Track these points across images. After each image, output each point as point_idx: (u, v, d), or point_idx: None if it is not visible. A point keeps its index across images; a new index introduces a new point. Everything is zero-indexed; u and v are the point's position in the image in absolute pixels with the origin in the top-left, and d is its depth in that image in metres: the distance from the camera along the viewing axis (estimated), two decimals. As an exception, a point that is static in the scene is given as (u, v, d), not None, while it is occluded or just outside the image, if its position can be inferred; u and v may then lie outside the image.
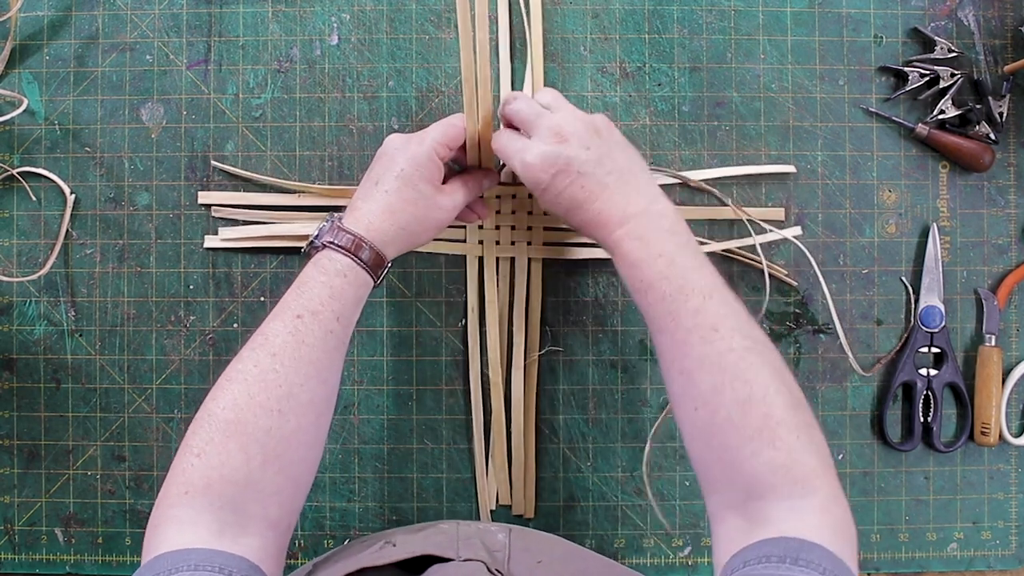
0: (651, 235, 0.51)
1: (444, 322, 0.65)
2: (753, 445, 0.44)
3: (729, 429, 0.45)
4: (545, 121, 0.53)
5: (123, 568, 0.65)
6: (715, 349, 0.47)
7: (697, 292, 0.48)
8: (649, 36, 0.66)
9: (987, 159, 0.65)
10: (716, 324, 0.47)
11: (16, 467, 0.65)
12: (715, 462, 0.46)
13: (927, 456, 0.66)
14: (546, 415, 0.66)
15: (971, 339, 0.67)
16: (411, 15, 0.65)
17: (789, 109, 0.66)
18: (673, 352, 0.49)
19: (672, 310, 0.48)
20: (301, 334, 0.49)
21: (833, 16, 0.66)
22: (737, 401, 0.45)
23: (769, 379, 0.46)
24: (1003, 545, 0.66)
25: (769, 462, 0.44)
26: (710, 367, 0.47)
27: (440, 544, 0.52)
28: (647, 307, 0.50)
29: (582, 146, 0.52)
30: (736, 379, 0.46)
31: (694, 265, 0.50)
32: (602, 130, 0.54)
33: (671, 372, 0.49)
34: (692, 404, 0.47)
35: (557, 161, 0.52)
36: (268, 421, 0.46)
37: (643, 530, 0.65)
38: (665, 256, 0.50)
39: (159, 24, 0.65)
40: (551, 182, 0.52)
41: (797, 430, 0.45)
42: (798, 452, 0.44)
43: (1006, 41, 0.66)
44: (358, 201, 0.54)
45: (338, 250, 0.52)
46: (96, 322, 0.65)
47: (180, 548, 0.42)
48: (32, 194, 0.65)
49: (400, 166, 0.54)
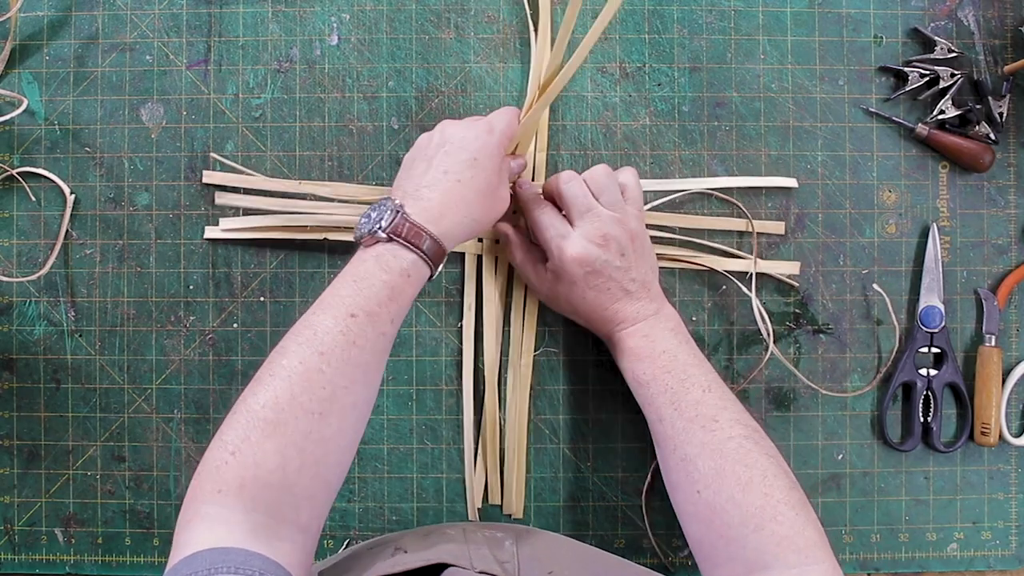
0: (656, 334, 0.56)
1: (444, 322, 0.65)
2: (756, 521, 0.47)
3: (732, 509, 0.48)
4: (594, 220, 0.56)
5: (123, 568, 0.65)
6: (716, 437, 0.51)
7: (698, 385, 0.53)
8: (649, 36, 0.66)
9: (987, 159, 0.65)
10: (716, 415, 0.52)
11: (16, 467, 0.65)
12: (717, 540, 0.49)
13: (927, 456, 0.66)
14: (546, 415, 0.66)
15: (971, 339, 0.67)
16: (411, 15, 0.65)
17: (789, 109, 0.66)
18: (675, 440, 0.52)
19: (674, 401, 0.53)
20: (353, 334, 0.47)
21: (833, 16, 0.66)
22: (739, 483, 0.49)
23: (767, 464, 0.50)
24: (1003, 545, 0.66)
25: (773, 535, 0.47)
26: (711, 453, 0.50)
27: (452, 552, 0.52)
28: (650, 398, 0.54)
29: (619, 253, 0.56)
30: (737, 463, 0.49)
31: (694, 361, 0.55)
32: (636, 239, 0.57)
33: (671, 459, 0.52)
34: (694, 488, 0.50)
35: (595, 263, 0.55)
36: (308, 424, 0.44)
37: (643, 530, 0.65)
38: (668, 352, 0.55)
39: (159, 24, 0.65)
40: (583, 278, 0.56)
41: (796, 508, 0.48)
42: (800, 526, 0.47)
43: (1006, 41, 0.66)
44: (424, 189, 0.52)
45: (404, 245, 0.50)
46: (96, 322, 0.65)
47: (217, 547, 0.40)
48: (32, 194, 0.65)
49: (472, 155, 0.53)
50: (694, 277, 0.66)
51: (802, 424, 0.66)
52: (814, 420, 0.66)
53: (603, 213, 0.56)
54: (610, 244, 0.55)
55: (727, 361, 0.66)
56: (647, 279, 0.57)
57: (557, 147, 0.65)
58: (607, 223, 0.56)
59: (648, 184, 0.65)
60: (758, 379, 0.66)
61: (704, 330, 0.66)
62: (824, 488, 0.66)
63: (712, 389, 0.53)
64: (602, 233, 0.55)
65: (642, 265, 0.57)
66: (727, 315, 0.66)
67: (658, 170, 0.66)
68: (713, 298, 0.66)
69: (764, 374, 0.66)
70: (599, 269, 0.55)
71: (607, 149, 0.65)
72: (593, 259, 0.55)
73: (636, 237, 0.57)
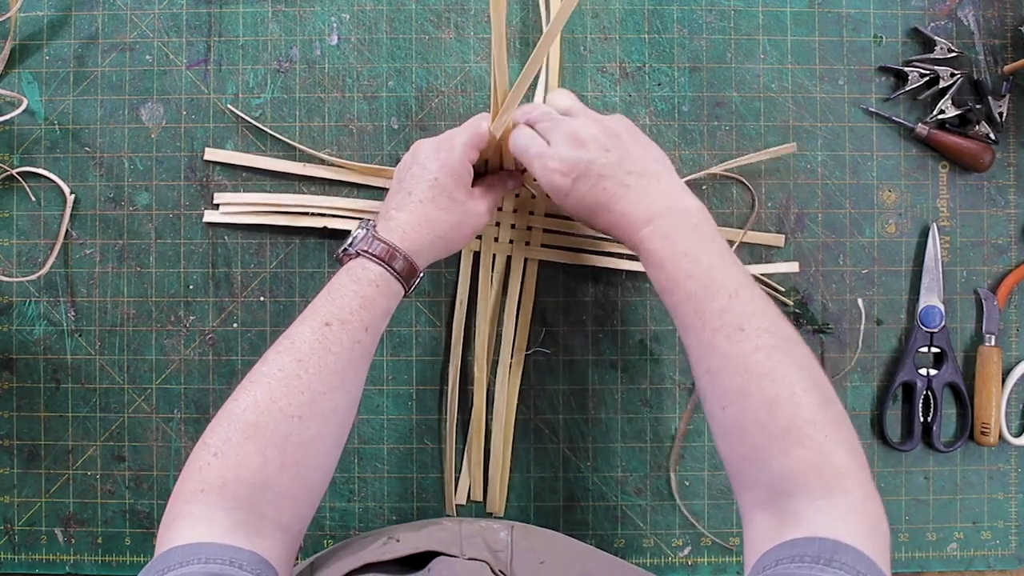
0: (676, 233, 0.50)
1: (444, 322, 0.65)
2: (782, 444, 0.44)
3: (757, 429, 0.45)
4: (563, 127, 0.53)
5: (123, 568, 0.65)
6: (741, 349, 0.46)
7: (723, 291, 0.48)
8: (649, 36, 0.66)
9: (987, 159, 0.65)
10: (742, 323, 0.47)
11: (16, 467, 0.65)
12: (744, 460, 0.46)
13: (927, 456, 0.66)
14: (546, 415, 0.66)
15: (971, 339, 0.67)
16: (411, 15, 0.65)
17: (789, 109, 0.66)
18: (700, 352, 0.48)
19: (698, 309, 0.48)
20: (328, 342, 0.48)
21: (833, 16, 0.66)
22: (765, 401, 0.45)
23: (796, 377, 0.45)
24: (1003, 545, 0.66)
25: (798, 461, 0.43)
26: (736, 367, 0.46)
27: (443, 541, 0.52)
28: (674, 306, 0.50)
29: (601, 149, 0.52)
30: (763, 379, 0.45)
31: (720, 263, 0.49)
32: (621, 132, 0.54)
33: (698, 371, 0.49)
34: (720, 403, 0.47)
35: (577, 166, 0.52)
36: (288, 427, 0.46)
37: (643, 530, 0.65)
38: (691, 255, 0.49)
39: (159, 24, 0.65)
40: (572, 187, 0.52)
41: (826, 428, 0.44)
42: (828, 451, 0.44)
43: (1006, 41, 0.66)
44: (392, 211, 0.54)
45: (372, 259, 0.51)
46: (96, 322, 0.65)
47: (192, 542, 0.42)
48: (32, 194, 0.65)
49: (434, 175, 0.54)
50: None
51: (802, 424, 0.66)
52: (814, 420, 0.66)
53: (571, 120, 0.54)
54: (587, 142, 0.52)
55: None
56: (650, 169, 0.53)
57: (557, 147, 0.65)
58: (579, 125, 0.53)
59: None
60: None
61: (704, 330, 0.66)
62: (824, 488, 0.66)
63: (740, 294, 0.48)
64: (574, 136, 0.52)
65: (637, 155, 0.53)
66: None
67: (658, 170, 0.66)
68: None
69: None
70: (584, 171, 0.52)
71: (607, 149, 0.65)
72: (574, 161, 0.52)
73: (619, 131, 0.54)
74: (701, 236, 0.50)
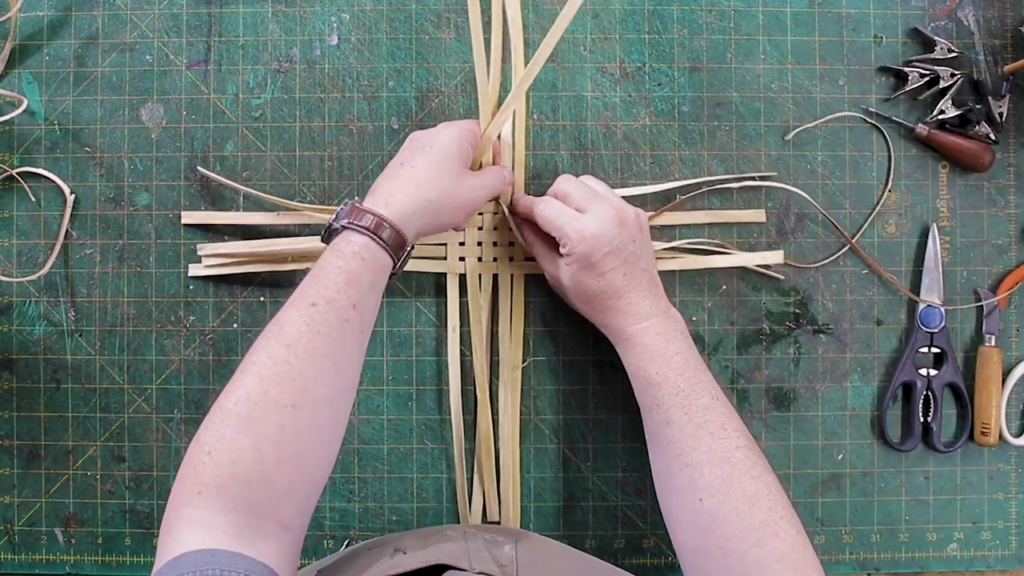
0: (670, 334, 0.55)
1: (444, 322, 0.65)
2: (759, 535, 0.47)
3: (734, 521, 0.48)
4: (604, 203, 0.55)
5: (123, 568, 0.65)
6: (724, 446, 0.50)
7: (707, 392, 0.53)
8: (649, 36, 0.66)
9: (987, 159, 0.65)
10: (724, 423, 0.51)
11: (16, 467, 0.65)
12: (715, 551, 0.48)
13: (927, 456, 0.66)
14: (546, 415, 0.66)
15: (971, 339, 0.67)
16: (411, 15, 0.65)
17: (789, 109, 0.66)
18: (682, 444, 0.51)
19: (685, 404, 0.52)
20: (316, 323, 0.47)
21: (833, 16, 0.66)
22: (745, 495, 0.49)
23: (770, 478, 0.50)
24: (1003, 545, 0.66)
25: (774, 552, 0.47)
26: (719, 461, 0.50)
27: (452, 553, 0.51)
28: (659, 399, 0.53)
29: (631, 238, 0.55)
30: (744, 474, 0.49)
31: (704, 368, 0.54)
32: (644, 228, 0.57)
33: (675, 464, 0.52)
34: (697, 496, 0.50)
35: (613, 241, 0.54)
36: (281, 418, 0.44)
37: (643, 530, 0.65)
38: (681, 354, 0.54)
39: (159, 24, 0.65)
40: (601, 260, 0.54)
41: (797, 527, 0.48)
42: (800, 546, 0.47)
43: (1006, 41, 0.66)
44: (379, 181, 0.54)
45: (355, 229, 0.51)
46: (96, 322, 0.65)
47: (203, 548, 0.40)
48: (32, 194, 0.65)
49: (428, 144, 0.55)
50: (694, 277, 0.66)
51: (802, 424, 0.66)
52: (814, 420, 0.66)
53: (611, 198, 0.57)
54: (625, 224, 0.55)
55: (727, 361, 0.66)
56: (654, 274, 0.57)
57: (557, 147, 0.65)
58: (618, 205, 0.56)
59: (646, 189, 0.65)
60: (758, 379, 0.66)
61: (704, 330, 0.66)
62: (824, 488, 0.66)
63: (719, 398, 0.53)
64: (616, 213, 0.55)
65: (648, 256, 0.57)
66: (727, 315, 0.66)
67: (658, 170, 0.66)
68: (713, 298, 0.66)
69: (764, 374, 0.66)
70: (617, 249, 0.54)
71: (607, 149, 0.65)
72: (611, 237, 0.54)
73: (643, 226, 0.57)
74: (687, 341, 0.55)
